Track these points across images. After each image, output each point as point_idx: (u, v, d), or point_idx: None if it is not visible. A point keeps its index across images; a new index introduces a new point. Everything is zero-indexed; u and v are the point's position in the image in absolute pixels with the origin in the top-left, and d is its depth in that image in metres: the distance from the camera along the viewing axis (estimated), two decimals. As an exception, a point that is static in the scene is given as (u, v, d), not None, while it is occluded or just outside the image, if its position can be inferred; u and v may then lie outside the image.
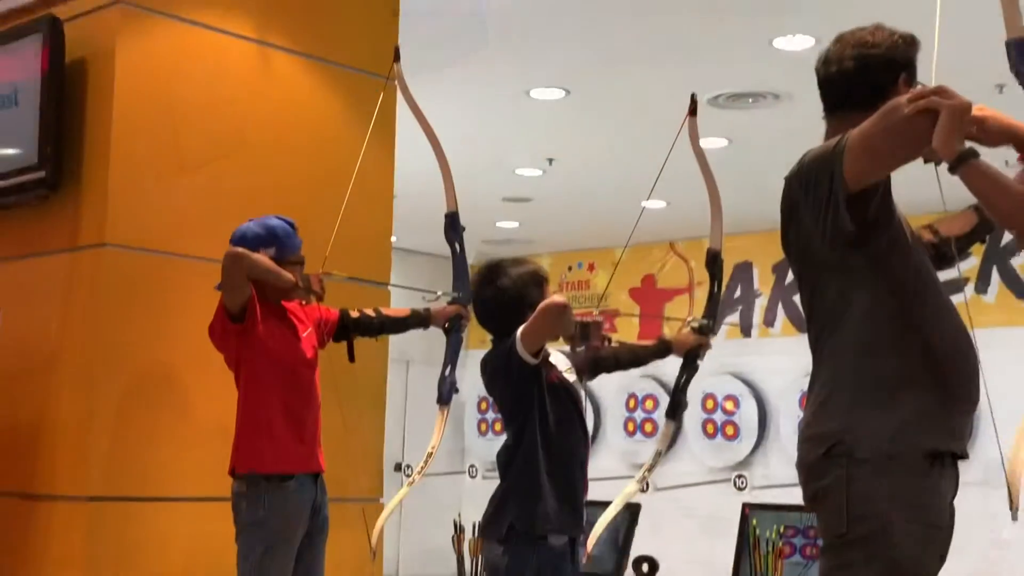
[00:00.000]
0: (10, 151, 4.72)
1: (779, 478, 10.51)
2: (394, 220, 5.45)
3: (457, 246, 4.54)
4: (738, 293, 11.36)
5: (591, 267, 12.45)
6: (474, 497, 11.75)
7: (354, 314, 4.45)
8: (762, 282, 11.21)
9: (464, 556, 4.04)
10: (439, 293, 4.63)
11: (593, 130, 8.23)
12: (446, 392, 4.52)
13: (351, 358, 4.41)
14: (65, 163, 4.58)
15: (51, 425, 4.51)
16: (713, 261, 4.44)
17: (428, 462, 4.38)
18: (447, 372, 4.54)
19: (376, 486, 5.18)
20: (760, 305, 11.21)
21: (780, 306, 11.08)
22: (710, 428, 11.18)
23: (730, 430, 11.06)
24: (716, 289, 4.32)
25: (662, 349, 4.23)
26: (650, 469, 4.33)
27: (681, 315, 13.08)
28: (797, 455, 2.71)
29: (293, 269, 4.12)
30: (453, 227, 4.60)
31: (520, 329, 3.48)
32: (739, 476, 10.96)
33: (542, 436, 3.47)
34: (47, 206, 4.63)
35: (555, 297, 3.49)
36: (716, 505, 10.33)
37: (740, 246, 11.40)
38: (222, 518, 4.42)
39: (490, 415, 12.99)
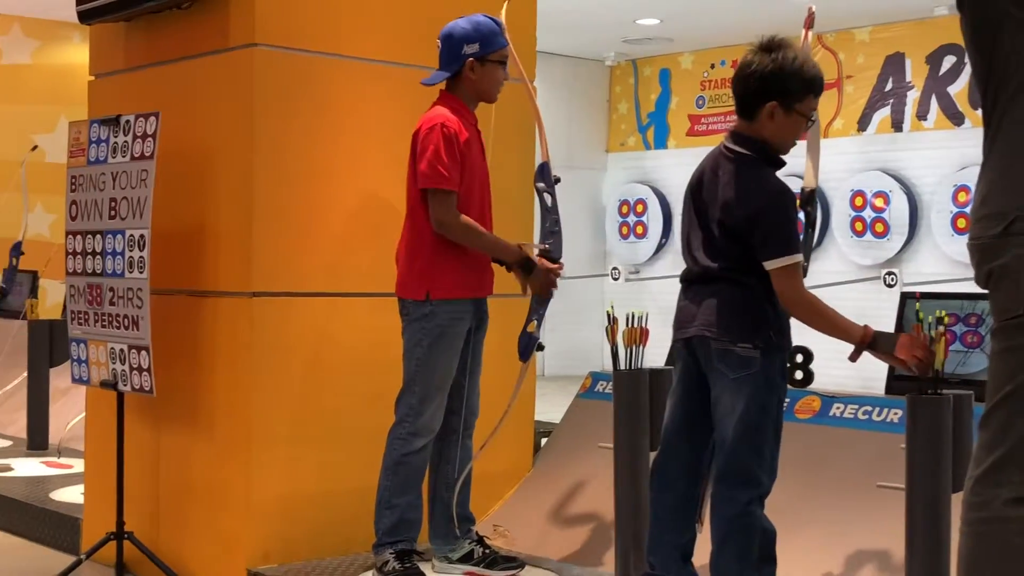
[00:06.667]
0: (156, -47, 4.72)
1: (931, 274, 10.32)
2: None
3: (548, 197, 4.16)
4: (889, 86, 10.98)
5: (735, 64, 12.13)
6: (616, 299, 11.84)
7: None
8: (915, 74, 10.79)
9: (619, 347, 4.06)
10: (520, 245, 4.26)
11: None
12: (524, 348, 4.21)
13: None
14: (212, -37, 4.58)
15: (213, 225, 4.64)
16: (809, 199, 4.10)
17: (501, 422, 4.28)
18: (528, 327, 4.20)
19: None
20: (912, 98, 10.82)
21: (934, 98, 10.68)
22: (859, 226, 10.98)
23: (880, 227, 10.84)
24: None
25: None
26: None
27: (829, 113, 12.58)
28: (969, 234, 2.61)
29: (496, 68, 4.19)
30: (544, 176, 4.19)
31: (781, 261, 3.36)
32: (889, 273, 10.79)
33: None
34: (197, 8, 4.65)
35: None
36: (865, 303, 10.21)
37: (891, 36, 10.96)
38: (380, 312, 4.55)
39: (631, 218, 12.96)
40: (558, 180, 4.29)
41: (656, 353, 4.08)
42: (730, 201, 3.42)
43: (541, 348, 4.29)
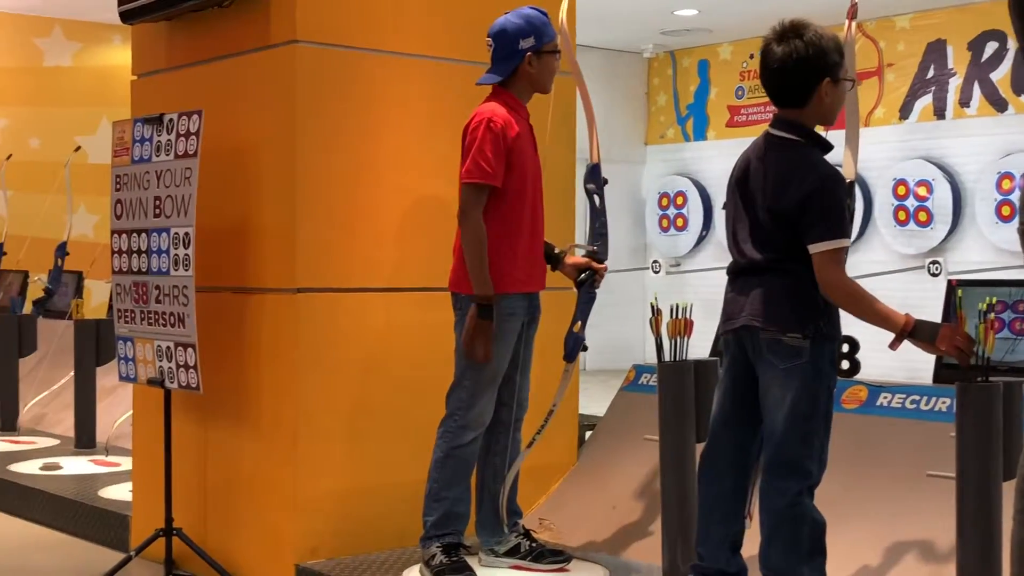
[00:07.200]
0: (198, -47, 4.75)
1: (976, 263, 10.22)
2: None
3: (596, 199, 4.14)
4: (931, 73, 10.88)
5: (773, 54, 12.05)
6: (657, 292, 11.79)
7: None
8: (957, 61, 10.69)
9: (663, 337, 4.05)
10: (571, 245, 4.37)
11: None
12: (571, 348, 4.21)
13: None
14: (252, -39, 4.60)
15: (257, 222, 4.66)
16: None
17: (548, 420, 4.27)
18: (574, 327, 4.19)
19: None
20: (955, 85, 10.72)
21: (976, 85, 10.57)
22: (901, 215, 10.89)
23: (923, 216, 10.75)
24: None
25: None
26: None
27: (870, 102, 12.48)
28: (1019, 219, 2.59)
29: (551, 58, 4.18)
30: (594, 177, 4.17)
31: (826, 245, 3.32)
32: (933, 263, 10.70)
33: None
34: (238, 6, 4.67)
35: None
36: (909, 292, 10.12)
37: (932, 23, 10.86)
38: (427, 306, 4.57)
39: (671, 211, 12.91)
40: (606, 182, 4.28)
41: (698, 346, 4.06)
42: (782, 185, 3.39)
43: (585, 348, 4.29)
